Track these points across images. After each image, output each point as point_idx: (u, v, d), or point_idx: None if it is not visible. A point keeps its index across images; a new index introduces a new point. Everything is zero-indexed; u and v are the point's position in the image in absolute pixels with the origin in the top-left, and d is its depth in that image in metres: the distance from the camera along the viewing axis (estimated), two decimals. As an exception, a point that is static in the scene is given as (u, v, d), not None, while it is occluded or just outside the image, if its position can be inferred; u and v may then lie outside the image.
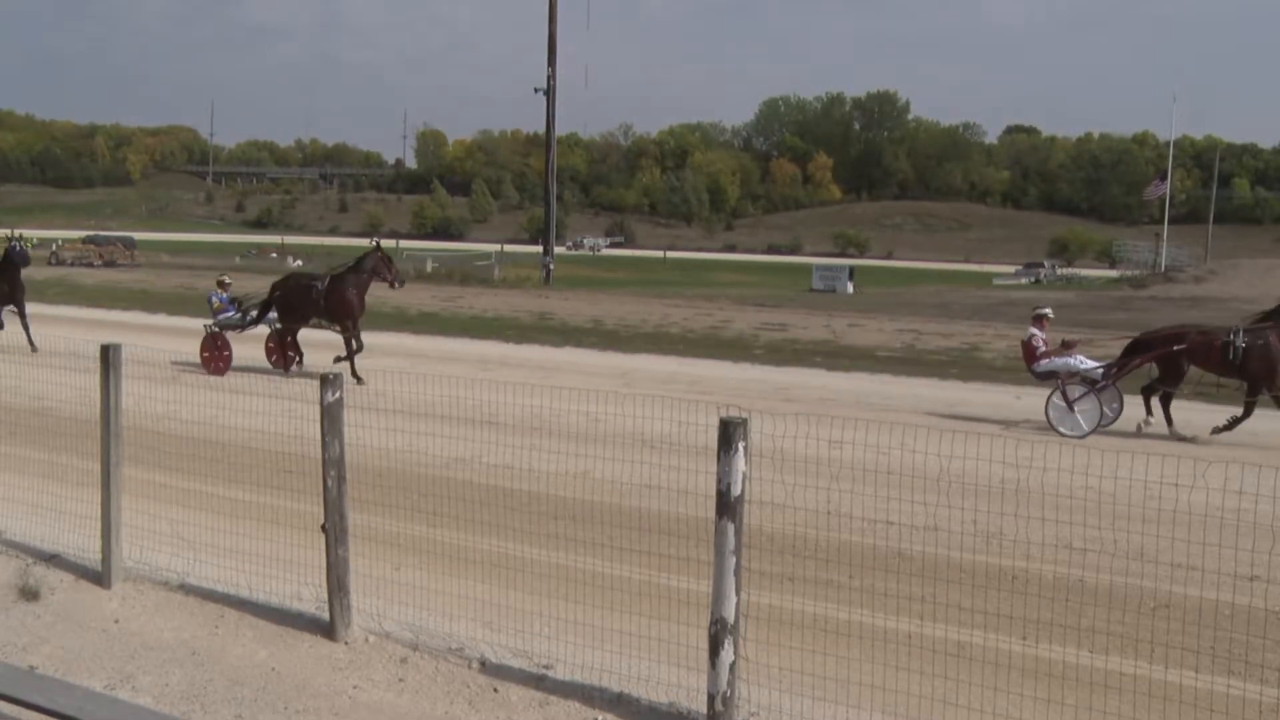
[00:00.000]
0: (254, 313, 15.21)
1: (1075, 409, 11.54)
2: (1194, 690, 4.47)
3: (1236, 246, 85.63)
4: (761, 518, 6.20)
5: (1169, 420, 11.61)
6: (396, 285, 15.33)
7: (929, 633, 5.18)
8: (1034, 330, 12.65)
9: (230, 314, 15.44)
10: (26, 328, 16.76)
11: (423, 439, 6.30)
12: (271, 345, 15.34)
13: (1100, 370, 12.05)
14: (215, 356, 14.77)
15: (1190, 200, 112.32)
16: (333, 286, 14.58)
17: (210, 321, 15.36)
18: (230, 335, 15.13)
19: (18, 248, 17.72)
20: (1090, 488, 6.13)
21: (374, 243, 15.29)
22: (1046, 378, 12.23)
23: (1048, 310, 13.06)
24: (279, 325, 15.15)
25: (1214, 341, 11.54)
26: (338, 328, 14.62)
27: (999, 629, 5.14)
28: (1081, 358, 12.29)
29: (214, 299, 15.64)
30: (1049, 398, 11.77)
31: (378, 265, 14.74)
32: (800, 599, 5.77)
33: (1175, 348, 11.72)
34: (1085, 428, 11.43)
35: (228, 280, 16.19)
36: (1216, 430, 11.15)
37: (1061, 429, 11.42)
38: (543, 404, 11.22)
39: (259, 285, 17.08)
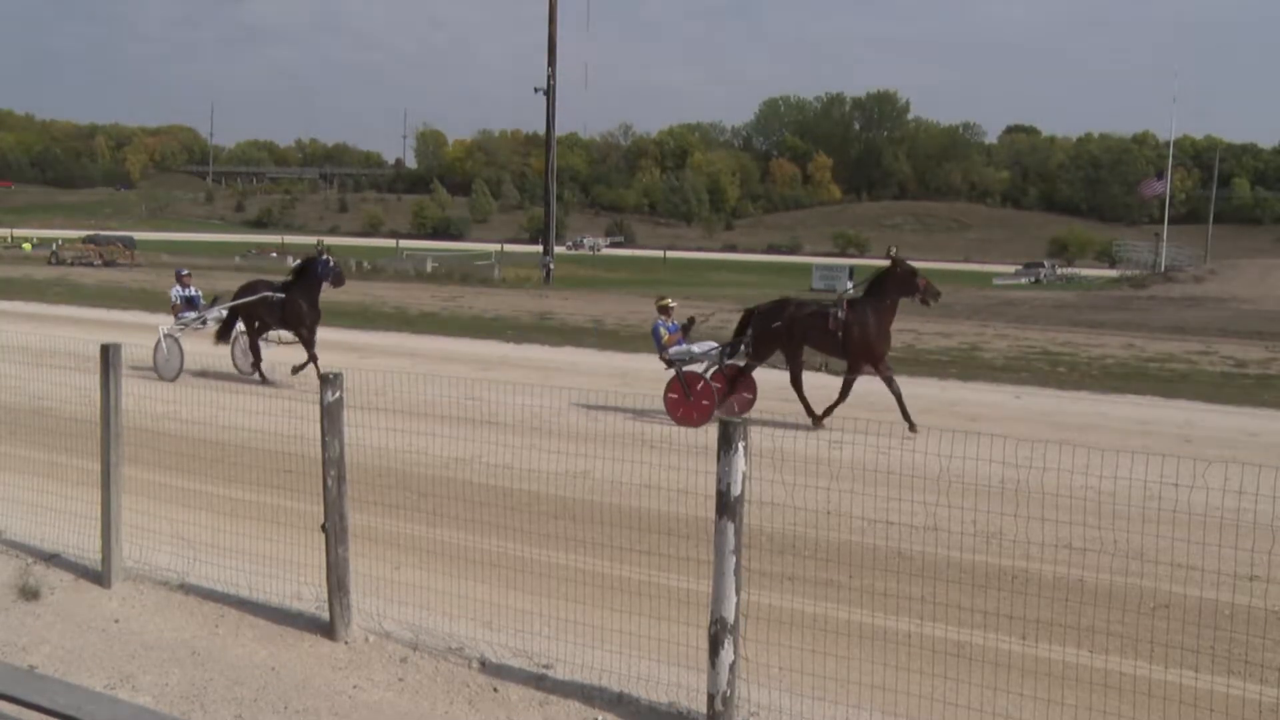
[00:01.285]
0: (739, 346, 11.80)
1: None
2: (1194, 690, 4.47)
3: (1236, 246, 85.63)
4: (761, 517, 6.20)
5: None
6: (931, 301, 11.52)
7: (929, 632, 5.18)
8: None
9: (682, 346, 11.92)
10: (314, 359, 13.31)
11: (423, 439, 6.31)
12: (719, 385, 11.76)
13: None
14: (689, 402, 11.30)
15: (1190, 200, 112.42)
16: (856, 317, 11.30)
17: (670, 356, 11.82)
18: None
19: (329, 262, 13.71)
20: (1090, 487, 6.13)
21: (892, 257, 11.58)
22: None
23: None
24: (730, 357, 11.87)
25: None
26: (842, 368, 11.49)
27: (999, 629, 5.14)
28: None
29: (662, 329, 12.07)
30: None
31: (906, 282, 11.31)
32: (800, 599, 5.77)
33: None
34: None
35: (672, 303, 12.61)
36: None
37: None
38: (542, 404, 11.25)
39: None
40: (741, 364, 11.86)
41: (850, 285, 11.57)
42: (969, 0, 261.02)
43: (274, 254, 71.28)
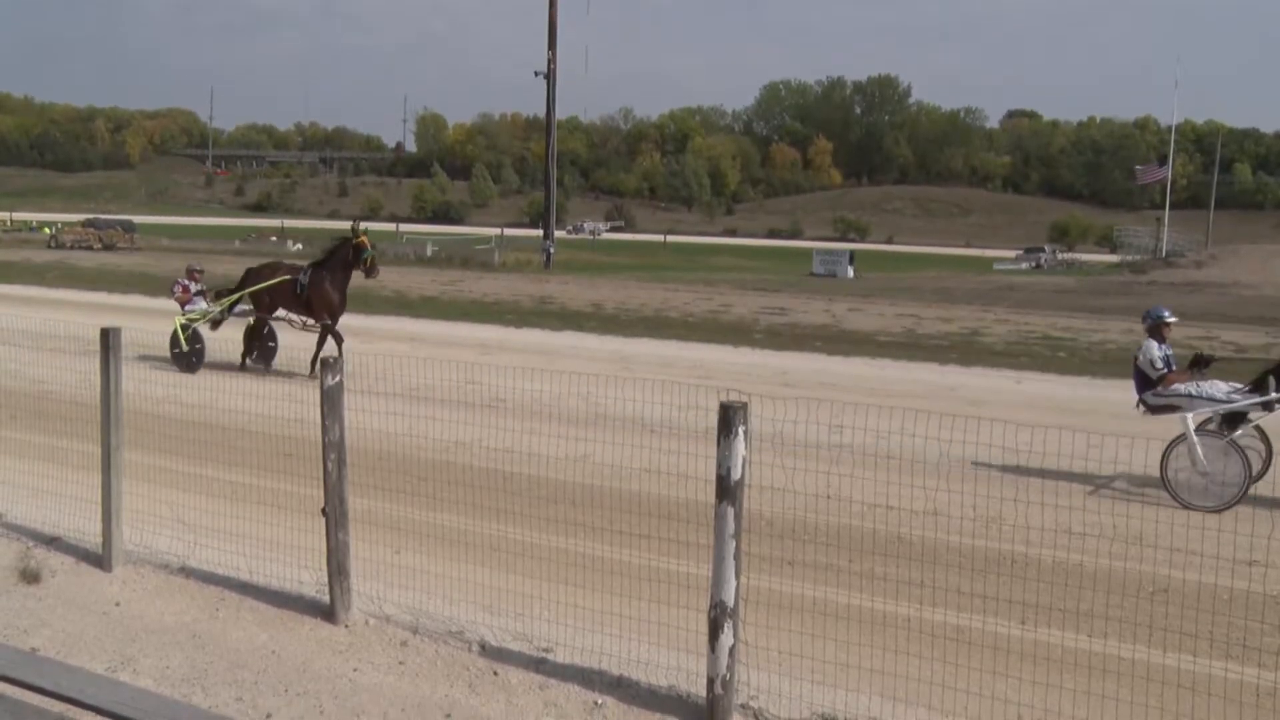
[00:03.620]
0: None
1: None
2: (1192, 674, 4.48)
3: (1237, 232, 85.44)
4: (761, 502, 6.20)
5: None
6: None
7: (928, 617, 5.19)
8: None
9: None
10: None
11: (423, 423, 6.30)
12: None
13: None
14: None
15: (1191, 185, 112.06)
16: None
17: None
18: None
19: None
20: (1089, 473, 6.12)
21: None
22: None
23: None
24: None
25: None
26: None
27: (998, 613, 5.15)
28: None
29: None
30: None
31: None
32: (800, 583, 5.78)
33: None
34: None
35: None
36: None
37: None
38: (543, 388, 11.24)
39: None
40: None
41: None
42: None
43: (273, 238, 71.11)
